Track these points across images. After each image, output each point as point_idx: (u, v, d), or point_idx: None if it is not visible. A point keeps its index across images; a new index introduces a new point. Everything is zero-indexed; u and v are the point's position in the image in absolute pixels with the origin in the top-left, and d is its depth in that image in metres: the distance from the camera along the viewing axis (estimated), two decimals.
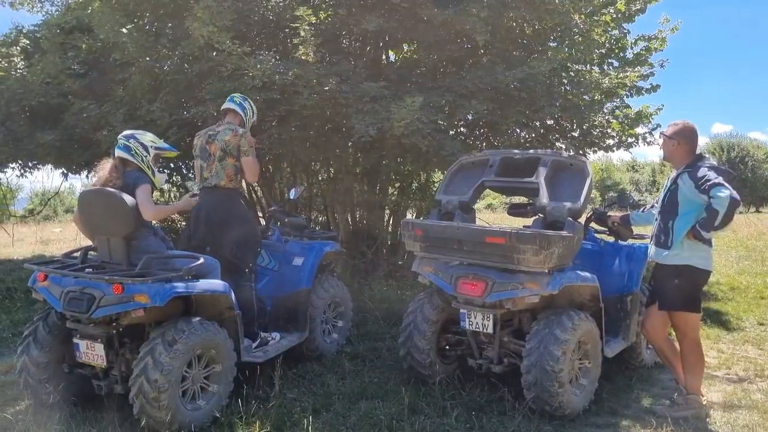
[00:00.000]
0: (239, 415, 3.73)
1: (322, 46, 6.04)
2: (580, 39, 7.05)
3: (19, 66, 8.01)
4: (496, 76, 6.15)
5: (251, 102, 4.75)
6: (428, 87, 6.48)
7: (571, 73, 7.22)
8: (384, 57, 7.71)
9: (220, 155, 4.45)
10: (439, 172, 7.93)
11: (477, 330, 4.13)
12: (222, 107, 4.71)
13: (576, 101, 7.07)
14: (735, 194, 3.63)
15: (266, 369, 4.35)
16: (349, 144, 6.89)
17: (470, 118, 6.84)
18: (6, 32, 8.91)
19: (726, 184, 3.69)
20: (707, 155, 4.13)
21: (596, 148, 7.89)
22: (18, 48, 8.39)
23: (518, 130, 7.38)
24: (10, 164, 8.73)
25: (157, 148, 3.98)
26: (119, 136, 3.97)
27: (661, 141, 4.14)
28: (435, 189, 7.66)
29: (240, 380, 4.03)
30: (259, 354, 4.33)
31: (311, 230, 5.52)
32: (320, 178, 8.65)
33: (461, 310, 4.15)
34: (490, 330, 4.07)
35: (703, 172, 3.78)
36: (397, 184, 8.56)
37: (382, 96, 5.85)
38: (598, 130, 7.56)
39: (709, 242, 3.92)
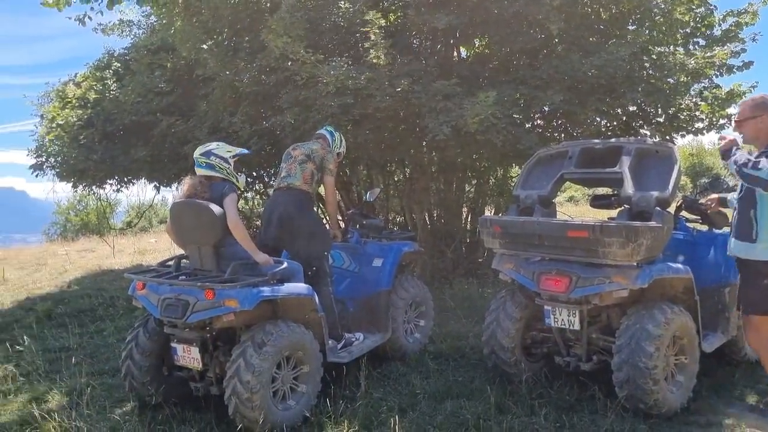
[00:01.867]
0: (328, 414, 3.82)
1: (392, 48, 6.07)
2: (661, 20, 6.71)
3: (112, 88, 8.56)
4: (572, 64, 5.96)
5: (342, 136, 5.06)
6: (501, 81, 6.38)
7: (653, 56, 6.88)
8: (455, 54, 7.65)
9: (302, 159, 4.63)
10: (517, 166, 7.77)
11: (563, 327, 4.02)
12: (316, 132, 5.02)
13: (660, 85, 6.74)
14: None
15: (352, 369, 4.44)
16: (424, 143, 6.89)
17: (546, 109, 6.68)
18: (99, 57, 9.56)
19: None
20: None
21: (684, 133, 7.48)
22: (110, 71, 8.98)
23: (598, 119, 7.11)
24: (109, 180, 9.30)
25: (233, 156, 4.16)
26: (197, 155, 4.11)
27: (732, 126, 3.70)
28: (513, 184, 7.52)
29: (327, 380, 4.12)
30: (344, 354, 4.42)
31: (389, 231, 5.57)
32: (396, 179, 8.70)
33: (545, 307, 4.06)
34: (576, 327, 3.96)
35: None
36: (473, 181, 8.47)
37: (455, 93, 5.81)
38: (685, 114, 7.17)
39: None
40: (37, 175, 8.98)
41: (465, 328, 5.69)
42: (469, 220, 8.43)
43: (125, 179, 9.37)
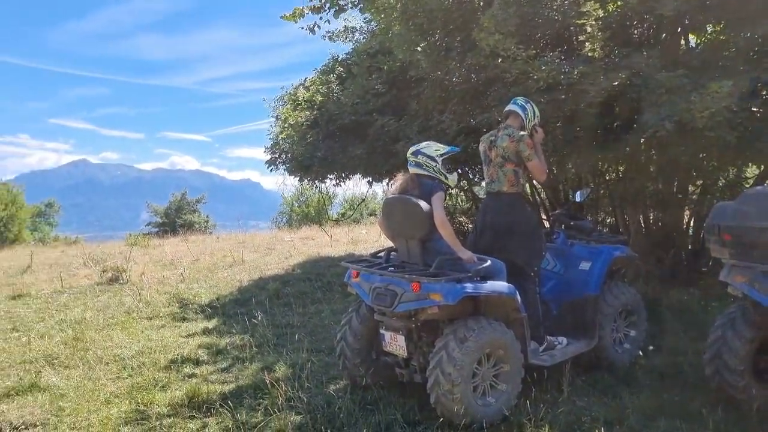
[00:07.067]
0: (528, 416, 3.77)
1: (610, 40, 5.73)
2: None
3: (335, 90, 9.35)
4: None
5: (533, 105, 4.72)
6: (739, 70, 5.65)
7: None
8: (683, 42, 6.96)
9: (500, 162, 4.52)
10: (754, 166, 6.86)
11: None
12: (505, 109, 4.75)
13: None
14: None
15: (554, 374, 4.32)
16: (641, 140, 6.38)
17: None
18: (325, 62, 10.48)
19: None
20: None
21: None
22: (334, 75, 9.80)
23: None
24: (329, 175, 10.16)
25: (441, 155, 4.28)
26: (408, 154, 4.33)
27: None
28: (748, 185, 6.65)
29: (528, 382, 4.07)
30: (545, 357, 4.32)
31: (599, 233, 5.29)
32: (608, 178, 8.20)
33: None
34: None
35: None
36: (699, 182, 7.64)
37: (681, 85, 5.29)
38: None
39: None
40: (271, 170, 10.15)
41: (683, 343, 5.18)
42: (691, 224, 7.63)
43: (343, 174, 10.13)
